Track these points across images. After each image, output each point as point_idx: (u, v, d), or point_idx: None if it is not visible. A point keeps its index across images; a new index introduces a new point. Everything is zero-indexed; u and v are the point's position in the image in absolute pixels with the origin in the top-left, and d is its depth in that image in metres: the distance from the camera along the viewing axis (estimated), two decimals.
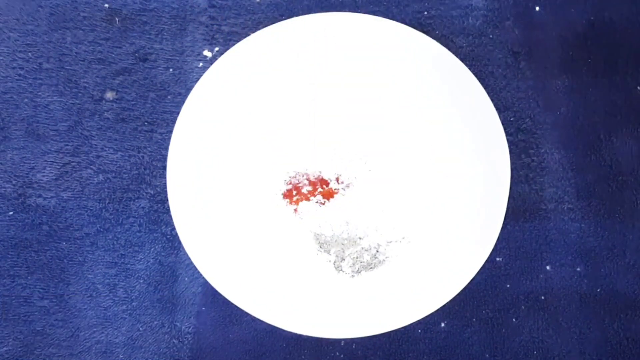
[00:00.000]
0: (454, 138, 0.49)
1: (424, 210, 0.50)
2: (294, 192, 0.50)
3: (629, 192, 0.50)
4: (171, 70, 0.50)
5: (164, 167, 0.48)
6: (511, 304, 0.50)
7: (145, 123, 0.50)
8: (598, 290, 0.50)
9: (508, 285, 0.50)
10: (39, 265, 0.50)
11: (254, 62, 0.48)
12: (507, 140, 0.47)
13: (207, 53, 0.50)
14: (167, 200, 0.48)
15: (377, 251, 0.49)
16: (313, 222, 0.50)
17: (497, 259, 0.50)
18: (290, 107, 0.50)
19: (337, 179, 0.50)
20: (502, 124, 0.47)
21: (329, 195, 0.50)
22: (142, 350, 0.50)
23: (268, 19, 0.50)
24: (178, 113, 0.48)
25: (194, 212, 0.48)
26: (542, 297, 0.50)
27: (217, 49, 0.50)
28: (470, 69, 0.48)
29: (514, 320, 0.50)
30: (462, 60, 0.48)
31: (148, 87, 0.50)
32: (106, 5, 0.50)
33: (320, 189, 0.50)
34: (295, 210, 0.50)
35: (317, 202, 0.50)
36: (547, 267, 0.50)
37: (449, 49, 0.48)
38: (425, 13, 0.50)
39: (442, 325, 0.50)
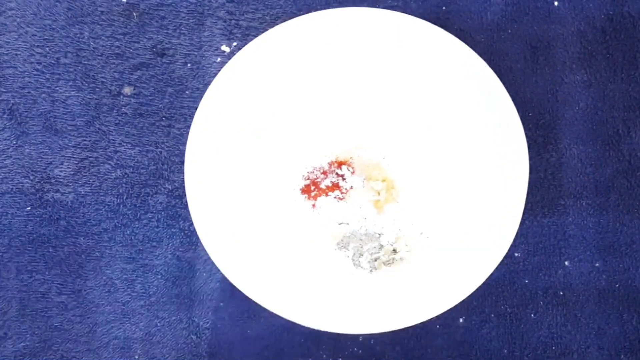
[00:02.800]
0: (472, 133, 0.49)
1: (442, 205, 0.49)
2: (312, 188, 0.50)
3: None
4: (189, 65, 0.50)
5: (182, 162, 0.48)
6: (530, 300, 0.50)
7: (163, 118, 0.50)
8: (617, 285, 0.50)
9: (526, 281, 0.50)
10: (57, 261, 0.50)
11: (272, 57, 0.48)
12: (526, 135, 0.47)
13: (225, 48, 0.50)
14: (185, 195, 0.48)
15: (395, 247, 0.49)
16: (331, 218, 0.50)
17: (516, 254, 0.50)
18: (308, 102, 0.50)
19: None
20: (521, 119, 0.47)
21: (347, 190, 0.50)
22: (159, 345, 0.50)
23: (286, 13, 0.50)
24: (196, 108, 0.48)
25: (211, 208, 0.48)
26: (561, 293, 0.50)
27: (235, 43, 0.50)
28: (488, 64, 0.48)
29: (532, 315, 0.50)
30: (480, 55, 0.48)
31: (166, 82, 0.50)
32: None
33: None
34: (314, 205, 0.50)
35: (335, 197, 0.49)
36: (566, 263, 0.50)
37: (468, 44, 0.48)
38: (444, 8, 0.50)
39: (461, 320, 0.50)
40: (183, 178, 0.48)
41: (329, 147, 0.50)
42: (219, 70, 0.48)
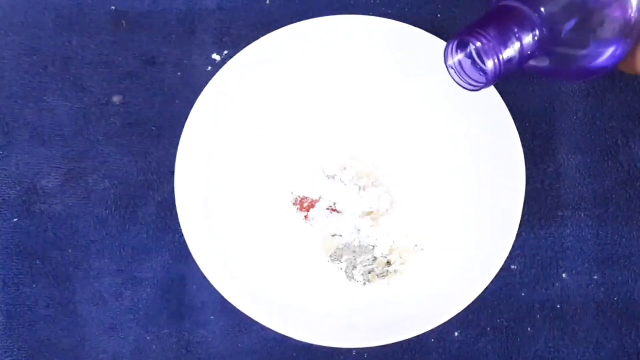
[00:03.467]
0: (468, 144, 0.48)
1: (437, 217, 0.49)
2: (304, 200, 0.49)
3: None
4: (179, 73, 0.49)
5: (172, 173, 0.47)
6: (526, 313, 0.49)
7: (153, 128, 0.49)
8: (615, 298, 0.49)
9: (523, 294, 0.49)
10: (44, 273, 0.49)
11: (264, 65, 0.47)
12: (523, 145, 0.46)
13: (216, 56, 0.49)
14: (175, 206, 0.47)
15: (389, 259, 0.48)
16: (324, 229, 0.49)
17: (512, 266, 0.49)
18: (300, 112, 0.49)
19: None
20: (517, 129, 0.46)
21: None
22: None
23: (278, 21, 0.49)
24: (186, 117, 0.47)
25: (202, 219, 0.47)
26: (558, 306, 0.49)
27: (226, 52, 0.49)
28: None
29: (529, 329, 0.49)
30: None
31: (155, 91, 0.49)
32: (112, 7, 0.49)
33: None
34: (306, 217, 0.49)
35: (328, 208, 0.49)
36: (563, 275, 0.49)
37: None
38: (439, 15, 0.49)
39: (456, 334, 0.49)
40: (173, 189, 0.47)
41: (322, 159, 0.49)
42: (210, 79, 0.47)
